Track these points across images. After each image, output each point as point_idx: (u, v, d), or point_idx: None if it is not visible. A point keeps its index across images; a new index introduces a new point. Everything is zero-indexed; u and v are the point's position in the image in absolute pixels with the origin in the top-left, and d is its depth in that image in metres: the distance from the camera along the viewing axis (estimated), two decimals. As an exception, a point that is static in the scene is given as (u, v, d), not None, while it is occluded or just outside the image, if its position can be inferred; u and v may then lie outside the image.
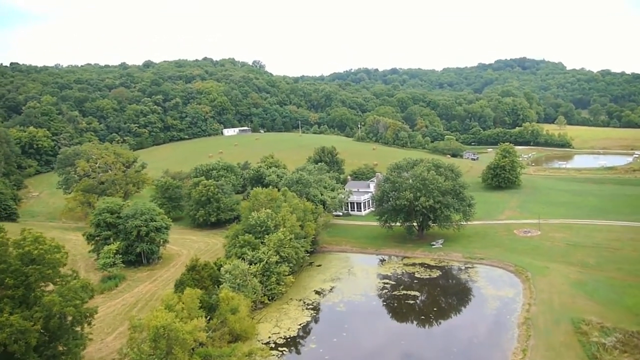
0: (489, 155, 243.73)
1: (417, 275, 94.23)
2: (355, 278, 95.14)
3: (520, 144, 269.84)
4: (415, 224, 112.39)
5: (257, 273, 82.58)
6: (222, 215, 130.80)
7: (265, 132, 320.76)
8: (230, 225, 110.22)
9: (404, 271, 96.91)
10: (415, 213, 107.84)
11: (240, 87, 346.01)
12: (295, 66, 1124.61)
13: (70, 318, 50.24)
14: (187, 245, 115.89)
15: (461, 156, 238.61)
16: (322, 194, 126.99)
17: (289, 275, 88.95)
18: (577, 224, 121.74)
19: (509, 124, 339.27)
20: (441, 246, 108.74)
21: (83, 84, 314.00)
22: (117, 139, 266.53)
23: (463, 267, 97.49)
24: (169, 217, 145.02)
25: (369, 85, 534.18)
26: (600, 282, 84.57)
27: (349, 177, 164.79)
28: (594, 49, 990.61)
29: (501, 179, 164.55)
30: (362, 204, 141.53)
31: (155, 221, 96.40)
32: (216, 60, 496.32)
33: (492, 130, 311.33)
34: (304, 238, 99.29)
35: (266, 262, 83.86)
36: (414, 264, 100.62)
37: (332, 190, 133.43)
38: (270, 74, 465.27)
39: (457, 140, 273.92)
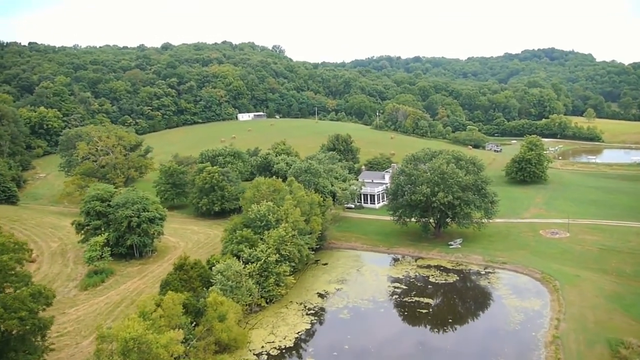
0: (513, 147, 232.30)
1: (431, 279, 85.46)
2: (363, 280, 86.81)
3: (547, 136, 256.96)
4: (431, 221, 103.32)
5: (254, 273, 74.82)
6: (227, 204, 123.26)
7: (281, 117, 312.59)
8: (232, 216, 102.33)
9: (417, 274, 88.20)
10: (432, 209, 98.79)
11: (257, 71, 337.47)
12: (316, 52, 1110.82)
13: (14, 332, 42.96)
14: (186, 237, 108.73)
15: (483, 147, 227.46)
16: (332, 185, 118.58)
17: (290, 275, 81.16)
18: (609, 226, 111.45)
19: (534, 116, 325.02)
20: (459, 246, 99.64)
21: (98, 65, 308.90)
22: (129, 121, 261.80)
23: (483, 272, 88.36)
24: (172, 204, 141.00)
25: (391, 73, 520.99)
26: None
27: (363, 167, 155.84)
28: (625, 41, 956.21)
29: (526, 173, 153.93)
30: (375, 196, 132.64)
31: (148, 211, 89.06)
32: (235, 44, 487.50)
33: (517, 122, 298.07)
34: (309, 234, 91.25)
35: (264, 262, 75.98)
36: (428, 266, 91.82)
37: (344, 181, 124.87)
38: (290, 59, 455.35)
39: (479, 130, 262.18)
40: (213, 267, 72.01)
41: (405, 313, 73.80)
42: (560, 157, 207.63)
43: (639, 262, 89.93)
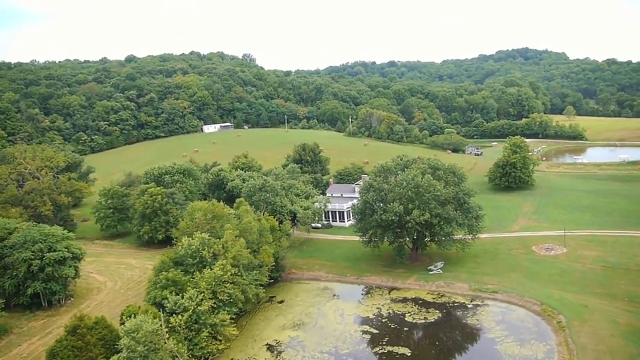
0: (494, 149, 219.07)
1: (408, 318, 69.61)
2: (325, 322, 70.59)
3: (528, 136, 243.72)
4: (407, 242, 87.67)
5: (181, 328, 58.15)
6: (173, 231, 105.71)
7: (249, 128, 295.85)
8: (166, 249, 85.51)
9: (391, 311, 72.30)
10: (407, 230, 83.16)
11: (223, 80, 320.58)
12: (290, 60, 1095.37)
13: None
14: (118, 274, 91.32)
15: (463, 151, 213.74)
16: (292, 204, 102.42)
17: (231, 323, 64.61)
18: (609, 237, 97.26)
19: (513, 116, 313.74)
20: (440, 271, 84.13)
21: (52, 80, 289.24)
22: (83, 138, 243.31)
23: (470, 305, 72.83)
24: (115, 232, 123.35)
25: (366, 78, 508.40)
26: (665, 331, 60.15)
27: (331, 179, 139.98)
28: (598, 38, 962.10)
29: (512, 178, 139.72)
30: (345, 213, 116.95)
31: (56, 251, 71.60)
32: (204, 54, 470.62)
33: (496, 123, 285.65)
34: (259, 268, 74.90)
35: (193, 312, 59.33)
36: (405, 300, 76.02)
37: (307, 197, 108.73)
38: (261, 67, 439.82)
39: (458, 133, 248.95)
40: (123, 325, 55.15)
41: (375, 371, 57.83)
42: (544, 159, 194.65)
43: (652, 282, 75.71)
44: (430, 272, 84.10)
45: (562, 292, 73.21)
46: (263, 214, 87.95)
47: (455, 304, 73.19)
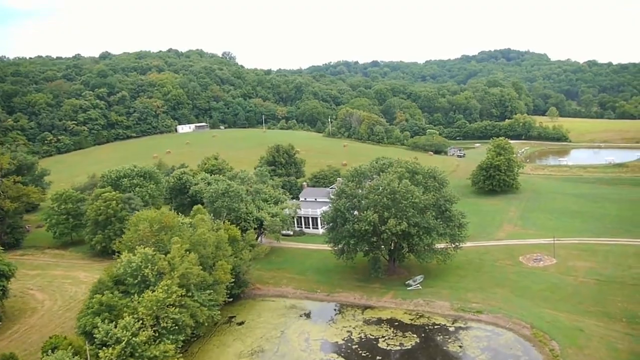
0: (477, 151, 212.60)
1: (382, 344, 61.24)
2: (288, 349, 61.91)
3: (511, 137, 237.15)
4: (383, 254, 79.30)
5: (112, 363, 49.02)
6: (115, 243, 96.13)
7: (226, 128, 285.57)
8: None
9: (363, 335, 63.88)
10: (382, 241, 74.83)
11: (200, 78, 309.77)
12: (272, 59, 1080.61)
13: None
14: (60, 291, 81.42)
15: (445, 153, 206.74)
16: (259, 210, 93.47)
17: (177, 353, 55.56)
18: (601, 245, 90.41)
19: (496, 117, 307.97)
20: (420, 287, 76.00)
21: (19, 77, 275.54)
22: (49, 138, 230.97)
23: (452, 327, 64.72)
24: (69, 240, 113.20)
25: (347, 78, 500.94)
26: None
27: (304, 183, 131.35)
28: (579, 40, 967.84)
29: (496, 181, 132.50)
30: (318, 220, 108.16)
31: (-25, 268, 61.83)
32: (182, 52, 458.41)
33: (479, 123, 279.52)
34: (215, 286, 65.89)
35: (127, 343, 50.21)
36: (379, 321, 67.68)
37: (276, 203, 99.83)
38: (241, 65, 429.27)
39: (440, 134, 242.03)
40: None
41: (341, 413, 49.32)
42: (528, 161, 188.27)
43: (650, 298, 68.61)
44: (409, 288, 75.94)
45: (554, 312, 65.62)
46: (224, 223, 78.88)
47: (435, 327, 65.01)
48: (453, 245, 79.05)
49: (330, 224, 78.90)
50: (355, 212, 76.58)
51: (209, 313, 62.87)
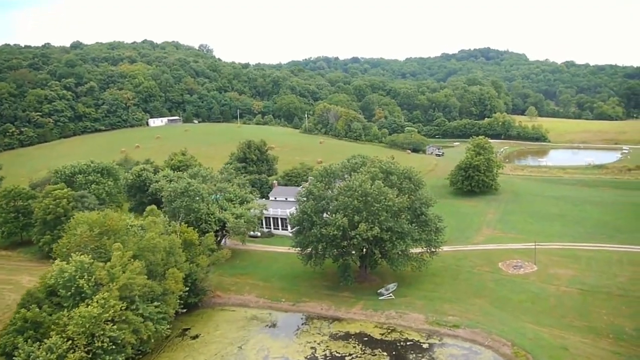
0: (456, 150, 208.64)
1: (349, 363, 55.28)
2: (244, 369, 55.48)
3: (491, 136, 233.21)
4: (354, 259, 73.19)
5: (31, 391, 41.95)
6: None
7: (200, 122, 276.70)
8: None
9: (328, 352, 57.78)
10: (352, 246, 68.76)
11: (174, 70, 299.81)
12: (251, 54, 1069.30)
13: None
14: (-3, 297, 73.61)
15: (424, 151, 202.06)
16: (222, 211, 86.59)
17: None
18: (583, 251, 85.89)
19: (476, 115, 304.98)
20: (392, 296, 70.27)
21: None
22: (11, 130, 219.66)
23: (425, 344, 59.03)
24: (19, 239, 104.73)
25: (327, 73, 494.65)
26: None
27: (275, 181, 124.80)
28: (557, 41, 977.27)
29: (475, 182, 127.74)
30: (288, 220, 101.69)
31: None
32: (157, 43, 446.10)
33: (459, 122, 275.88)
34: (166, 295, 59.04)
35: (51, 369, 43.18)
36: (347, 336, 61.68)
37: (242, 202, 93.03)
38: (218, 59, 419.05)
39: (419, 132, 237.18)
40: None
41: None
42: (507, 161, 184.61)
43: (637, 310, 63.94)
44: (381, 298, 70.13)
45: (536, 327, 60.46)
46: (180, 224, 71.95)
47: (408, 343, 59.21)
48: (429, 251, 73.51)
49: (297, 228, 72.40)
50: (325, 215, 70.37)
51: (157, 328, 56.05)
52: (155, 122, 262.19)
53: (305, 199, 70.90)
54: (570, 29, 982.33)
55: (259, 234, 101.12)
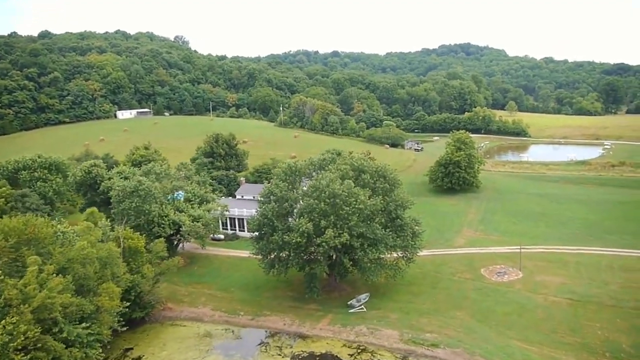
0: (436, 145, 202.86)
1: (310, 394, 47.61)
2: (188, 401, 47.42)
3: (471, 131, 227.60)
4: (322, 267, 65.36)
5: None
6: None
7: (171, 115, 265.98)
8: None
9: (288, 379, 50.06)
10: (319, 254, 60.95)
11: (145, 61, 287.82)
12: (230, 47, 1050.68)
13: None
14: None
15: (402, 146, 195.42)
16: (178, 212, 78.05)
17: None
18: (571, 255, 79.76)
19: (456, 110, 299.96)
20: (364, 309, 62.87)
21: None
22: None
23: (401, 368, 51.71)
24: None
25: (305, 67, 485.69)
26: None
27: (242, 178, 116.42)
28: (536, 37, 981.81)
29: (455, 179, 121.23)
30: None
31: None
32: (130, 34, 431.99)
33: (439, 116, 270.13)
34: (100, 314, 50.53)
35: None
36: (311, 357, 54.03)
37: (202, 203, 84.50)
38: (194, 50, 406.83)
39: (398, 126, 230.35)
40: None
41: None
42: (488, 156, 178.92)
43: (633, 323, 57.65)
44: (351, 310, 62.65)
45: (524, 345, 53.62)
46: (124, 229, 63.31)
47: (381, 367, 51.83)
48: (405, 258, 66.21)
49: (257, 233, 64.32)
50: (290, 219, 62.45)
51: (87, 353, 47.59)
52: (123, 115, 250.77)
53: (266, 200, 62.79)
54: (549, 25, 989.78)
55: (222, 236, 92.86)
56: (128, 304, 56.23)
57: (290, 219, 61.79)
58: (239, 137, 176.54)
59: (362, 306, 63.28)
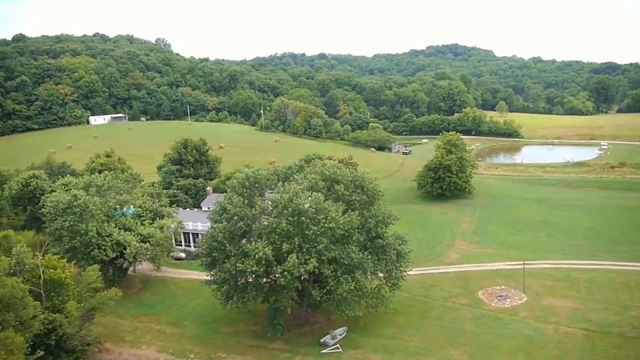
0: (424, 147, 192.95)
1: None
2: None
3: (461, 132, 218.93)
4: (283, 305, 53.92)
5: None
6: None
7: (147, 120, 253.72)
8: None
9: None
10: (280, 287, 49.70)
11: (120, 64, 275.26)
12: (215, 50, 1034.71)
13: None
14: None
15: (389, 149, 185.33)
16: (124, 230, 66.52)
17: None
18: (580, 271, 70.01)
19: (445, 111, 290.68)
20: (339, 348, 51.83)
21: None
22: None
23: None
24: None
25: (291, 68, 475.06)
26: None
27: (209, 188, 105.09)
28: (524, 37, 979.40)
29: (446, 184, 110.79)
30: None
31: None
32: (109, 37, 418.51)
33: (427, 117, 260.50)
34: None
35: None
36: (269, 420, 42.92)
37: (155, 219, 72.99)
38: (176, 53, 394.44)
39: (385, 129, 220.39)
40: None
41: None
42: (479, 159, 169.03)
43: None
44: (324, 351, 51.57)
45: (536, 398, 42.89)
46: (44, 257, 51.81)
47: None
48: (389, 284, 55.33)
49: (208, 258, 52.97)
50: (247, 242, 51.25)
51: None
52: (96, 120, 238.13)
53: (218, 218, 51.51)
54: (536, 26, 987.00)
55: (183, 255, 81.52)
56: (42, 353, 44.76)
57: (246, 242, 50.52)
58: (216, 142, 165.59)
59: (337, 345, 52.24)
